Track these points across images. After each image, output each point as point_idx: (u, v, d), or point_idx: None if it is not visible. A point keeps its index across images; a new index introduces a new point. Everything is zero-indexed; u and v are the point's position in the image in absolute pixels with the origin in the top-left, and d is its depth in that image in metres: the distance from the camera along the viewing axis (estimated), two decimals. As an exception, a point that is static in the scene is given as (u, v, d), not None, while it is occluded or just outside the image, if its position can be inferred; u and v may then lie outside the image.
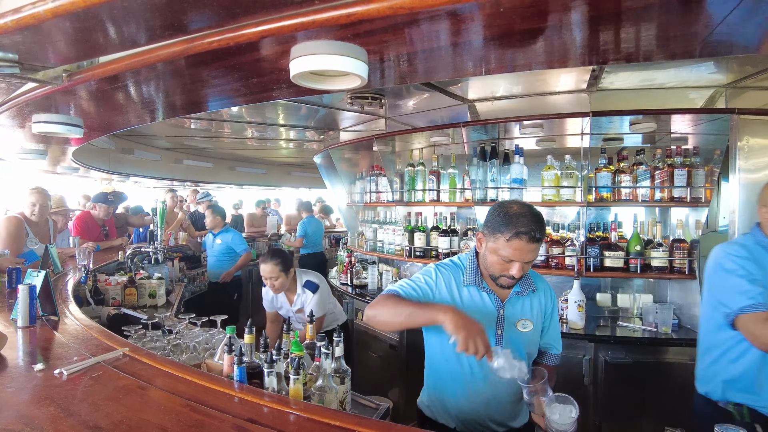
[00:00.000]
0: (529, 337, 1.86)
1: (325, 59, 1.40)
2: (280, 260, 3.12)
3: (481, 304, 1.84)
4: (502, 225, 1.69)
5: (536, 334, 1.90)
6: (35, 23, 1.26)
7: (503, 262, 1.71)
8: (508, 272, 1.72)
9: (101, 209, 5.16)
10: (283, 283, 3.16)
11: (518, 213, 1.69)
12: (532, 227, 1.65)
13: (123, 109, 2.52)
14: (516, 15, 1.27)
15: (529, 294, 1.88)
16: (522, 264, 1.69)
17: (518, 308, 1.86)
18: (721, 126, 3.01)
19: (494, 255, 1.73)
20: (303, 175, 9.96)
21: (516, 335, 1.83)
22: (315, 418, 1.30)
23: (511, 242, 1.66)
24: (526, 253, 1.67)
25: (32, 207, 3.86)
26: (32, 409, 1.35)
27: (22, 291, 2.17)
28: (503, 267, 1.72)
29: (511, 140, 3.81)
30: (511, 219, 1.68)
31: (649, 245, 3.17)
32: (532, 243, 1.66)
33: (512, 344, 1.79)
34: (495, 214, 1.74)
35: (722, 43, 1.52)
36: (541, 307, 1.91)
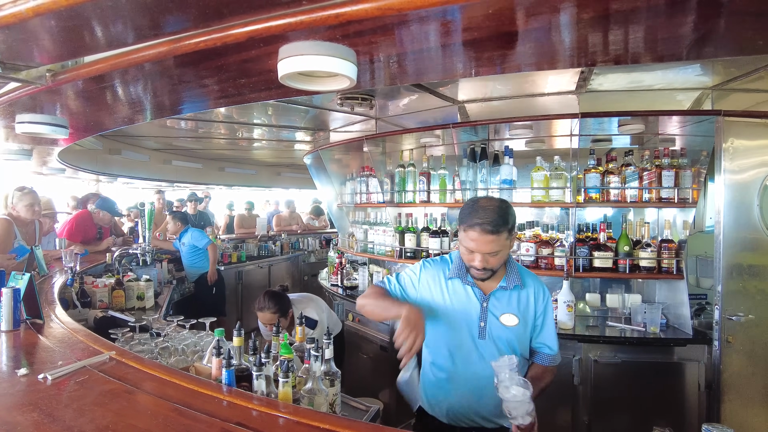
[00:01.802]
0: (514, 332, 1.89)
1: (313, 60, 1.40)
2: (276, 307, 2.90)
3: (464, 296, 1.91)
4: (465, 217, 1.79)
5: (523, 330, 1.91)
6: (16, 22, 1.24)
7: (468, 253, 1.81)
8: (472, 263, 1.80)
9: (105, 216, 5.14)
10: (284, 324, 2.93)
11: (481, 206, 1.78)
12: (487, 219, 1.72)
13: (109, 109, 2.49)
14: (505, 17, 1.27)
15: (515, 289, 1.91)
16: (483, 255, 1.76)
17: (503, 302, 1.90)
18: (707, 127, 3.05)
19: (461, 246, 1.85)
20: (293, 175, 9.93)
21: (499, 329, 1.88)
22: (304, 422, 1.29)
23: (467, 233, 1.77)
24: (482, 244, 1.74)
25: (31, 207, 3.80)
26: (15, 415, 1.32)
27: (6, 294, 2.13)
28: (469, 258, 1.81)
29: (501, 141, 3.83)
30: (472, 211, 1.77)
31: (637, 246, 3.20)
32: (487, 234, 1.72)
33: (496, 337, 1.87)
34: (464, 207, 1.85)
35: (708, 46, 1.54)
36: (529, 304, 1.92)
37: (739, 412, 2.77)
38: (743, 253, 2.84)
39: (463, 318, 1.90)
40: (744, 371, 2.79)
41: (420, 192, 3.99)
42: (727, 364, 2.82)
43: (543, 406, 3.12)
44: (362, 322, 4.04)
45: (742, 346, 2.81)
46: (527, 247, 3.34)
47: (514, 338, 1.89)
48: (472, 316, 1.88)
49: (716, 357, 2.83)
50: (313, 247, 8.46)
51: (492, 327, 1.87)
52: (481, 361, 1.86)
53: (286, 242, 7.98)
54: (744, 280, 2.83)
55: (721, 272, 2.82)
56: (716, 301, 2.84)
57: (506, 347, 1.87)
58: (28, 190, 3.83)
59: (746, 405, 2.31)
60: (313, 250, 8.41)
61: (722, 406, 2.81)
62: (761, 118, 2.87)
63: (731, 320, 2.81)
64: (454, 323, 1.91)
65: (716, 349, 2.83)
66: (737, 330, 2.81)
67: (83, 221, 5.02)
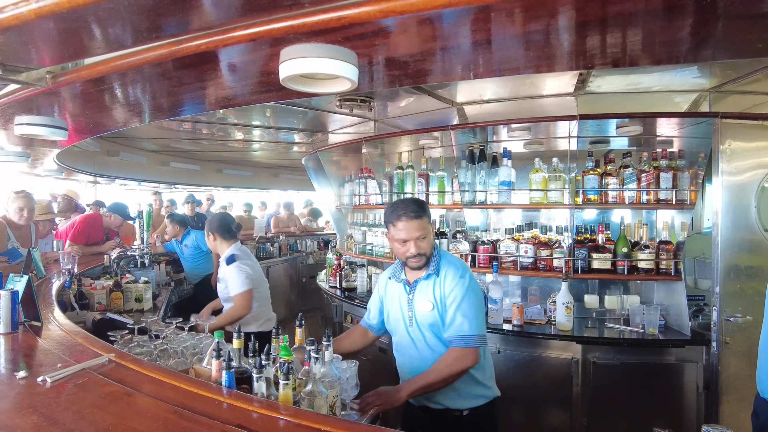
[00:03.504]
0: (432, 316, 2.07)
1: (315, 62, 1.40)
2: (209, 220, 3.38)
3: (397, 292, 2.20)
4: (389, 215, 2.04)
5: (438, 314, 2.07)
6: (18, 24, 1.24)
7: (402, 245, 2.03)
8: (407, 252, 2.02)
9: (116, 219, 5.13)
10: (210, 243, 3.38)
11: (397, 202, 2.11)
12: (408, 208, 2.00)
13: (109, 111, 2.49)
14: (504, 20, 1.28)
15: (429, 277, 2.10)
16: (415, 241, 2.00)
17: (423, 291, 2.11)
18: (705, 129, 3.06)
19: (395, 243, 2.06)
20: (291, 177, 9.92)
21: (421, 315, 2.09)
22: (305, 424, 1.29)
23: (397, 225, 2.00)
24: (411, 230, 1.98)
25: (20, 212, 3.79)
26: (14, 418, 1.32)
27: (4, 296, 2.12)
28: (403, 249, 2.03)
29: (499, 143, 3.84)
30: (393, 208, 2.04)
31: (635, 247, 3.21)
32: (413, 220, 1.98)
33: (420, 323, 2.10)
34: (384, 213, 2.10)
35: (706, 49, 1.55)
36: (444, 289, 2.07)
37: (737, 413, 2.78)
38: (741, 254, 2.85)
39: (398, 311, 2.18)
40: (742, 372, 2.80)
41: (419, 194, 3.99)
42: (726, 365, 2.83)
43: (541, 408, 3.13)
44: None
45: (740, 347, 2.82)
46: (526, 248, 3.35)
47: (432, 322, 2.07)
48: (404, 308, 2.15)
49: (714, 358, 2.84)
50: (311, 248, 8.45)
51: (417, 315, 2.11)
52: (412, 347, 2.13)
53: (284, 244, 7.97)
54: (742, 281, 2.84)
55: (719, 273, 2.83)
56: (714, 302, 2.85)
57: (429, 331, 2.08)
58: (23, 194, 3.82)
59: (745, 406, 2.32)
60: (311, 252, 8.40)
61: (720, 407, 2.82)
62: (758, 120, 2.89)
63: (729, 321, 2.82)
64: (394, 317, 2.20)
65: (714, 350, 2.84)
66: (735, 331, 2.82)
67: (92, 223, 5.00)
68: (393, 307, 2.22)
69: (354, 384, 2.09)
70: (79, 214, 5.29)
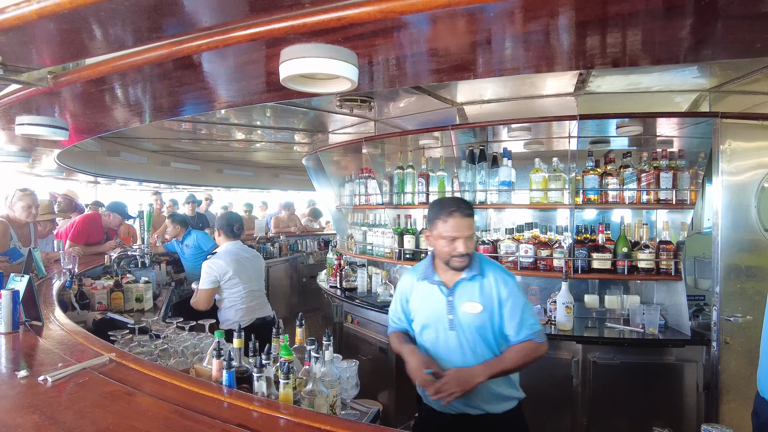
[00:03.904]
0: (480, 319, 2.00)
1: (315, 62, 1.40)
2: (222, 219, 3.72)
3: (431, 294, 2.09)
4: (438, 212, 1.98)
5: (489, 317, 2.01)
6: (20, 24, 1.24)
7: (449, 243, 1.96)
8: (455, 251, 1.95)
9: (115, 219, 5.13)
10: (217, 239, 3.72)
11: (448, 200, 2.09)
12: (461, 205, 1.97)
13: (110, 111, 2.49)
14: (504, 20, 1.28)
15: (475, 279, 2.03)
16: (464, 239, 1.94)
17: (466, 293, 2.03)
18: (705, 129, 3.06)
19: (440, 240, 1.99)
20: (291, 177, 9.93)
21: (466, 318, 2.01)
22: (305, 423, 1.30)
23: (447, 221, 1.95)
24: (464, 228, 1.94)
25: (28, 209, 3.80)
26: (15, 417, 1.32)
27: (5, 296, 2.13)
28: (451, 248, 1.96)
29: (500, 143, 3.84)
30: (443, 204, 2.01)
31: (635, 247, 3.21)
32: (466, 218, 1.95)
33: (464, 326, 2.01)
34: (431, 209, 2.06)
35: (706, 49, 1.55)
36: (492, 292, 2.02)
37: (737, 413, 2.78)
38: (741, 254, 2.85)
39: (434, 314, 2.06)
40: (742, 372, 2.80)
41: (419, 194, 4.00)
42: (726, 365, 2.83)
43: (542, 408, 3.13)
44: (361, 323, 4.04)
45: (740, 346, 2.82)
46: (526, 248, 3.35)
47: (479, 325, 2.00)
48: (442, 311, 2.04)
49: (714, 358, 2.84)
50: (311, 248, 8.45)
51: (460, 318, 2.01)
52: (456, 351, 2.02)
53: (284, 244, 7.96)
54: (742, 281, 2.84)
55: (719, 273, 2.84)
56: (714, 302, 2.85)
57: (475, 335, 2.00)
58: (29, 192, 3.83)
59: (745, 405, 2.32)
60: (311, 252, 8.40)
61: (721, 407, 2.82)
62: (759, 120, 2.89)
63: (729, 321, 2.82)
64: (430, 320, 2.08)
65: (714, 350, 2.84)
66: (735, 331, 2.82)
67: (91, 223, 5.01)
68: (425, 311, 2.10)
69: (354, 383, 2.09)
70: (79, 214, 5.30)
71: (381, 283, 4.14)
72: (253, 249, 4.24)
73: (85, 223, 4.97)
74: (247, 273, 3.61)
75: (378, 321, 3.81)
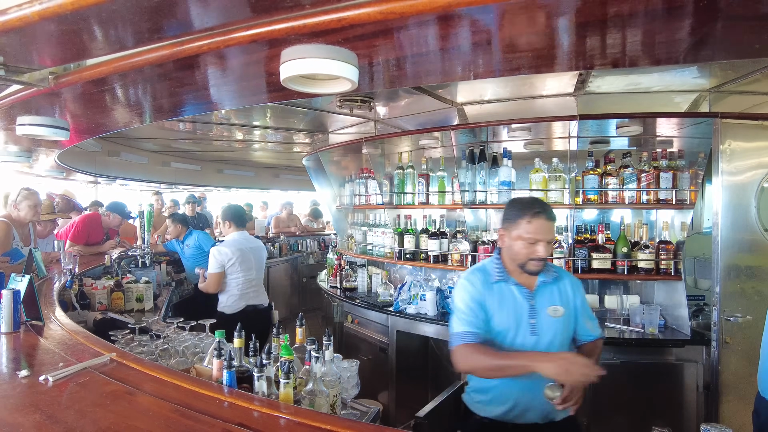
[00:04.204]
0: (561, 323, 1.96)
1: (315, 63, 1.41)
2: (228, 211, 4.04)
3: (511, 297, 1.97)
4: (521, 211, 1.90)
5: (567, 319, 1.99)
6: (21, 25, 1.24)
7: (529, 245, 1.88)
8: (534, 254, 1.88)
9: (115, 219, 5.13)
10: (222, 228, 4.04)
11: (531, 200, 1.97)
12: (546, 207, 1.90)
13: (110, 111, 2.50)
14: (504, 21, 1.29)
15: (554, 281, 2.01)
16: (545, 243, 1.87)
17: (546, 296, 1.99)
18: (704, 129, 3.06)
19: (519, 241, 1.90)
20: (292, 177, 9.93)
21: (549, 322, 1.95)
22: (305, 422, 1.30)
23: (532, 223, 1.86)
24: (546, 231, 1.87)
25: (34, 208, 3.82)
26: (17, 416, 1.33)
27: (6, 296, 2.13)
28: (530, 251, 1.88)
29: (500, 143, 3.84)
30: (527, 205, 1.91)
31: (635, 247, 3.21)
32: (550, 221, 1.88)
33: (546, 330, 1.94)
34: (512, 207, 1.97)
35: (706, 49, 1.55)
36: (569, 294, 2.02)
37: (737, 413, 2.78)
38: (741, 254, 2.86)
39: (515, 318, 1.95)
40: (742, 372, 2.80)
41: (419, 194, 4.01)
42: (726, 365, 2.84)
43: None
44: (361, 323, 4.04)
45: (740, 346, 2.83)
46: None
47: (560, 328, 1.96)
48: (523, 314, 1.95)
49: (714, 358, 2.84)
50: (311, 249, 8.45)
51: (541, 321, 1.94)
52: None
53: (284, 244, 7.97)
54: (742, 281, 2.85)
55: (718, 273, 2.84)
56: (714, 302, 2.86)
57: (554, 339, 1.94)
58: (33, 191, 3.84)
59: (744, 405, 2.32)
60: (311, 252, 8.41)
61: (720, 407, 2.83)
62: (758, 120, 2.90)
63: (729, 321, 2.82)
64: (509, 325, 1.94)
65: (714, 349, 2.84)
66: (735, 331, 2.83)
67: (91, 223, 5.01)
68: (503, 315, 1.95)
69: (355, 383, 2.09)
70: (78, 214, 5.31)
71: (381, 283, 4.14)
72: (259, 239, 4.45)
73: (85, 223, 4.98)
74: (248, 262, 3.88)
75: (378, 321, 3.82)
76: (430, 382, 3.76)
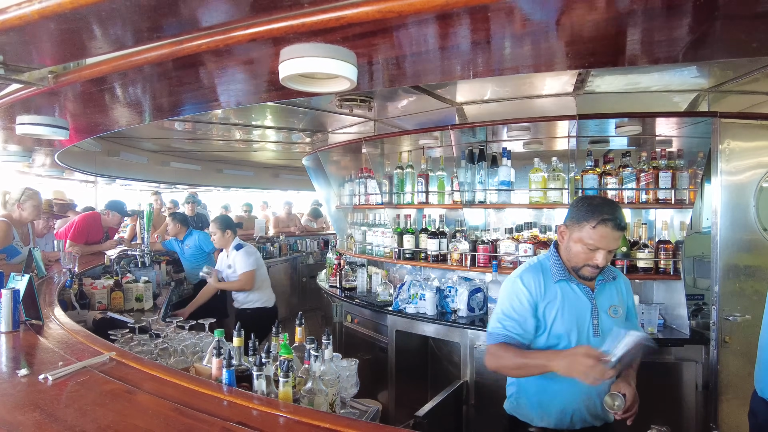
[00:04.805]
0: (619, 323, 1.90)
1: (314, 62, 1.41)
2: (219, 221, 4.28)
3: (574, 296, 1.89)
4: (588, 214, 1.76)
5: (624, 319, 1.95)
6: (21, 24, 1.25)
7: (588, 251, 1.78)
8: (592, 261, 1.78)
9: (114, 217, 5.14)
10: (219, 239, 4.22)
11: (602, 203, 1.80)
12: (617, 215, 1.74)
13: (110, 111, 2.50)
14: (503, 20, 1.29)
15: (612, 281, 1.95)
16: (605, 253, 1.76)
17: (606, 296, 1.93)
18: (704, 129, 3.07)
19: (579, 244, 1.79)
20: (291, 177, 9.92)
21: (609, 322, 1.88)
22: (305, 421, 1.30)
23: (597, 229, 1.74)
24: (611, 240, 1.74)
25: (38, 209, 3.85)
26: (16, 415, 1.33)
27: (5, 295, 2.13)
28: (588, 256, 1.79)
29: (499, 143, 3.85)
30: (596, 208, 1.76)
31: (634, 246, 3.21)
32: (617, 231, 1.74)
33: (606, 331, 1.84)
34: (579, 206, 1.83)
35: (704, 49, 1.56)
36: (623, 293, 1.98)
37: (736, 412, 2.78)
38: (740, 253, 2.86)
39: (577, 319, 1.87)
40: (741, 371, 2.81)
41: (418, 193, 4.01)
42: (725, 365, 2.84)
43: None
44: (361, 323, 4.05)
45: (739, 346, 2.83)
46: (525, 248, 3.36)
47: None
48: (585, 315, 1.87)
49: (713, 357, 2.85)
50: (311, 248, 8.45)
51: (603, 322, 1.88)
52: None
53: (284, 244, 7.97)
54: (741, 280, 2.85)
55: (718, 273, 2.84)
56: (713, 301, 2.86)
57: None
58: (36, 191, 3.86)
59: (743, 405, 2.32)
60: (311, 252, 8.41)
61: (719, 406, 2.83)
62: (757, 120, 2.90)
63: (728, 320, 2.83)
64: (573, 327, 1.86)
65: (713, 349, 2.85)
66: (734, 330, 2.83)
67: (90, 222, 5.02)
68: (567, 316, 1.86)
69: (354, 382, 2.09)
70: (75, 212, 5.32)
71: (381, 282, 4.14)
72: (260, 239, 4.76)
73: (85, 222, 4.99)
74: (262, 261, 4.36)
75: (377, 321, 3.82)
76: (430, 382, 3.75)
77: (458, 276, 3.68)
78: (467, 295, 3.37)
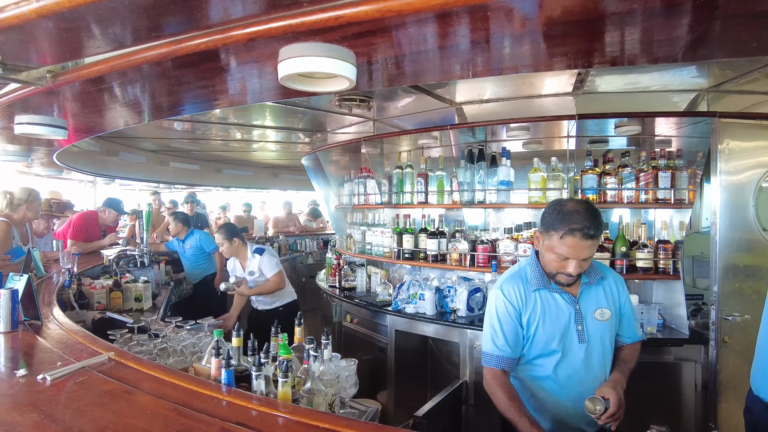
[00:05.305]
0: (608, 326, 1.87)
1: (313, 61, 1.41)
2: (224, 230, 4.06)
3: (554, 304, 1.84)
4: (556, 222, 1.70)
5: (614, 321, 1.90)
6: (19, 23, 1.24)
7: (559, 260, 1.73)
8: (564, 270, 1.74)
9: (111, 215, 5.14)
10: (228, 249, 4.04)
11: (572, 210, 1.70)
12: (585, 224, 1.65)
13: (108, 110, 2.49)
14: (503, 19, 1.29)
15: (599, 282, 1.89)
16: (578, 261, 1.70)
17: (592, 299, 1.87)
18: (703, 129, 3.07)
19: (550, 253, 1.75)
20: (291, 177, 9.92)
21: (596, 326, 1.85)
22: (304, 421, 1.30)
23: (564, 239, 1.68)
24: (580, 250, 1.68)
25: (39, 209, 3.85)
26: (14, 415, 1.32)
27: (4, 295, 2.13)
28: (560, 265, 1.74)
29: (498, 143, 3.84)
30: (565, 216, 1.69)
31: (634, 246, 3.21)
32: (586, 240, 1.66)
33: (593, 336, 1.83)
34: (550, 212, 1.76)
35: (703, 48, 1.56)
36: (613, 294, 1.91)
37: (735, 412, 2.77)
38: (739, 253, 2.86)
39: (561, 328, 1.83)
40: (740, 371, 2.80)
41: (418, 193, 4.00)
42: (724, 364, 2.84)
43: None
44: (360, 323, 4.04)
45: (738, 346, 2.83)
46: (525, 248, 3.36)
47: (606, 332, 1.88)
48: (568, 322, 1.83)
49: (713, 357, 2.84)
50: (310, 248, 8.44)
51: (589, 327, 1.84)
52: (581, 366, 1.84)
53: (283, 244, 7.96)
54: (740, 280, 2.85)
55: (717, 273, 2.84)
56: (713, 301, 2.86)
57: (601, 343, 1.86)
58: (37, 191, 3.89)
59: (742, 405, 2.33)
60: (311, 252, 8.40)
61: (719, 406, 2.83)
62: (756, 120, 2.90)
63: (727, 320, 2.83)
64: (556, 336, 1.82)
65: (713, 349, 2.85)
66: (733, 330, 2.83)
67: (88, 220, 5.03)
68: (549, 325, 1.83)
69: (353, 382, 2.09)
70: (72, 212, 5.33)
71: (380, 282, 4.14)
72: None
73: (83, 220, 5.01)
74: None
75: (377, 320, 3.82)
76: (429, 382, 3.75)
77: (457, 276, 3.68)
78: (466, 295, 3.37)
